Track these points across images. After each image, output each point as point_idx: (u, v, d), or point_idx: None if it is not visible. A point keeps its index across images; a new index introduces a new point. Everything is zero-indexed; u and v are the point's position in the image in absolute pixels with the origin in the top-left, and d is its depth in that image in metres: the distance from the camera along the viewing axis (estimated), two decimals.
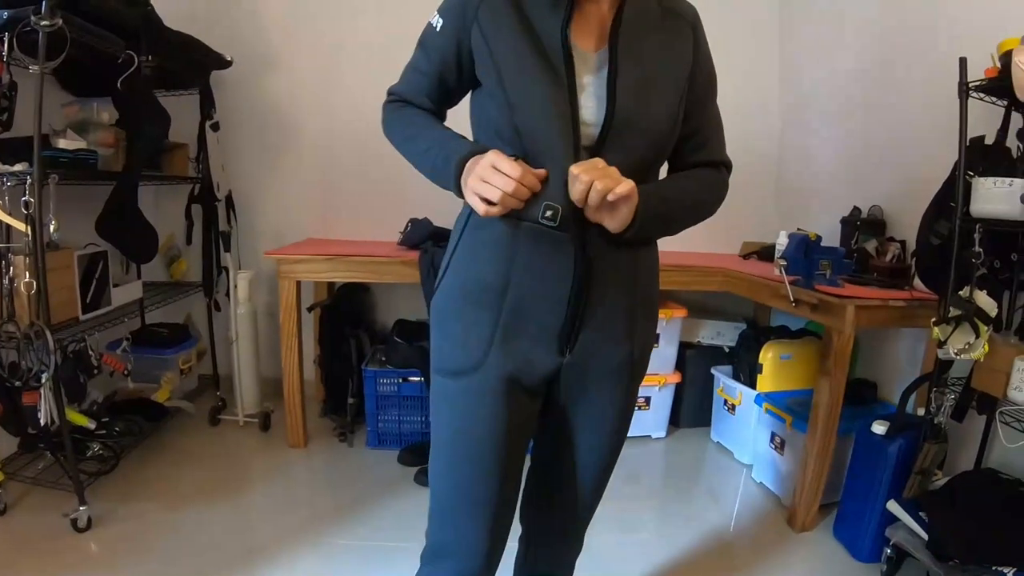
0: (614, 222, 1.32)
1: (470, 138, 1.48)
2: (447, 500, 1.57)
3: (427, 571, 1.65)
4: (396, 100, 1.55)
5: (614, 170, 1.29)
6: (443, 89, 1.51)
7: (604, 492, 1.77)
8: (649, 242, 1.55)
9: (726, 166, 1.60)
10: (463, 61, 1.44)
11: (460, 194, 1.37)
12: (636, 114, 1.37)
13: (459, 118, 1.58)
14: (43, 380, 2.55)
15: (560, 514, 1.76)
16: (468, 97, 1.55)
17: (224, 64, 3.66)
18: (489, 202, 1.28)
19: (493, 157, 1.28)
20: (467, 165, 1.33)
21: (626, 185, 1.26)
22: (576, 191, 1.27)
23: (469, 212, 1.45)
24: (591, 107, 1.36)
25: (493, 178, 1.26)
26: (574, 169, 1.27)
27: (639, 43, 1.40)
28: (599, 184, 1.24)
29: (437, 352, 1.51)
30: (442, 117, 1.58)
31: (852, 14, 3.70)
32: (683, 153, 1.53)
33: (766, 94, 4.43)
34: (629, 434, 1.75)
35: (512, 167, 1.26)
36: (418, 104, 1.52)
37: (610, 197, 1.25)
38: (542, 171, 1.31)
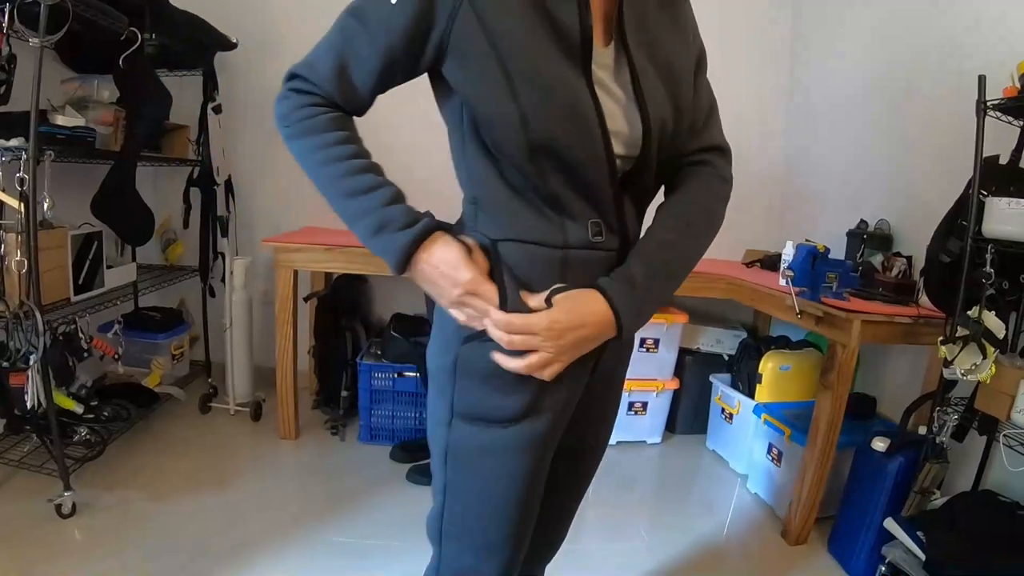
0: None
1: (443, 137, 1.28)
2: (471, 558, 1.37)
3: None
4: (308, 103, 1.20)
5: (573, 337, 1.16)
6: (382, 83, 1.18)
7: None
8: None
9: (723, 151, 1.39)
10: (423, 53, 1.14)
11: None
12: (667, 124, 1.20)
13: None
14: (31, 362, 2.51)
15: (558, 513, 1.60)
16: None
17: (229, 46, 3.61)
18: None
19: (467, 280, 1.14)
20: (419, 256, 1.15)
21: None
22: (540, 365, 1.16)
23: (492, 242, 1.21)
24: (618, 117, 1.16)
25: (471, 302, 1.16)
26: (539, 325, 1.14)
27: (649, 31, 1.21)
28: (553, 368, 1.18)
29: (471, 400, 1.26)
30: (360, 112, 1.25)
31: (865, 27, 3.66)
32: None
33: (774, 103, 4.40)
34: (624, 439, 1.70)
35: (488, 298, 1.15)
36: (340, 103, 1.19)
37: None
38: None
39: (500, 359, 1.17)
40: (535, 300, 1.17)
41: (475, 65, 1.10)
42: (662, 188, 1.35)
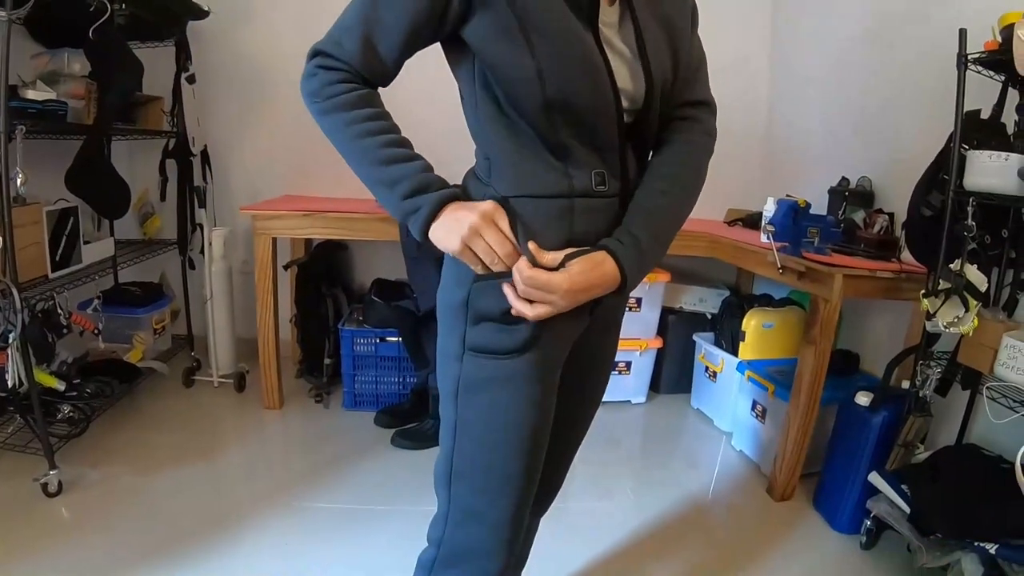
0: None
1: (460, 106, 1.33)
2: (481, 497, 1.38)
3: None
4: (336, 79, 1.20)
5: (585, 296, 1.24)
6: (408, 50, 1.22)
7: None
8: None
9: (709, 107, 1.45)
10: (446, 16, 1.16)
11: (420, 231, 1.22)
12: (668, 80, 1.29)
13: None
14: (10, 340, 2.48)
15: (556, 459, 1.63)
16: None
17: (201, 14, 3.55)
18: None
19: (495, 213, 1.21)
20: (447, 211, 1.20)
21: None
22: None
23: (504, 199, 1.25)
24: (623, 73, 1.24)
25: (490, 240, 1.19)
26: (560, 284, 1.20)
27: None
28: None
29: (481, 333, 1.30)
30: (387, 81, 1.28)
31: None
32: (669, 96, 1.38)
33: (756, 61, 4.38)
34: (609, 399, 1.74)
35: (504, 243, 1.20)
36: (367, 76, 1.21)
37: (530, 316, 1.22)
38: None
39: (512, 300, 1.22)
40: (549, 257, 1.22)
41: (494, 23, 1.14)
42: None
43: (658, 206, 1.31)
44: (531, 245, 1.21)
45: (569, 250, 1.24)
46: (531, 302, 1.21)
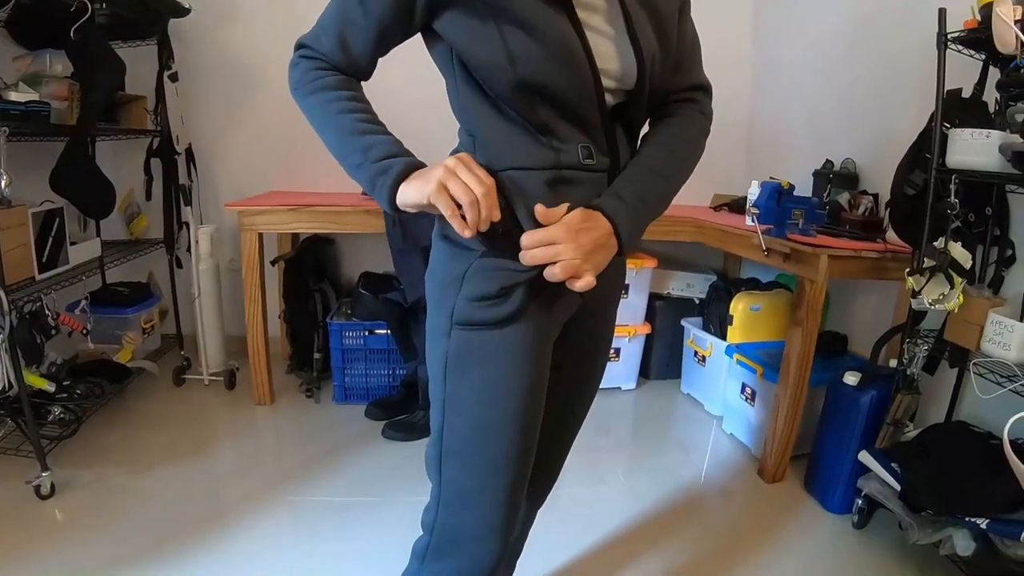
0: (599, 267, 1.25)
1: (444, 92, 1.32)
2: (473, 478, 1.34)
3: (438, 568, 1.43)
4: (317, 67, 1.27)
5: (587, 238, 1.20)
6: (381, 48, 1.27)
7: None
8: None
9: (706, 90, 1.46)
10: (413, 16, 1.20)
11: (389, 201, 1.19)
12: (657, 64, 1.27)
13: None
14: None
15: (554, 444, 1.64)
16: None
17: (182, 12, 3.54)
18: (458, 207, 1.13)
19: (468, 159, 1.16)
20: (417, 173, 1.18)
21: (590, 277, 1.19)
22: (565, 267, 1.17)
23: (492, 171, 1.21)
24: (608, 54, 1.23)
25: (467, 179, 1.12)
26: (558, 237, 1.18)
27: None
28: (586, 278, 1.19)
29: (467, 305, 1.27)
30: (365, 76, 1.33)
31: None
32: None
33: (739, 44, 4.39)
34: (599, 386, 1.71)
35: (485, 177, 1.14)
36: (345, 70, 1.27)
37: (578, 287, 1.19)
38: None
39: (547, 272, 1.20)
40: (555, 210, 1.22)
41: (463, 15, 1.16)
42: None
43: (649, 169, 1.31)
44: (538, 208, 1.20)
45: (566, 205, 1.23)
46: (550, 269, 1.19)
